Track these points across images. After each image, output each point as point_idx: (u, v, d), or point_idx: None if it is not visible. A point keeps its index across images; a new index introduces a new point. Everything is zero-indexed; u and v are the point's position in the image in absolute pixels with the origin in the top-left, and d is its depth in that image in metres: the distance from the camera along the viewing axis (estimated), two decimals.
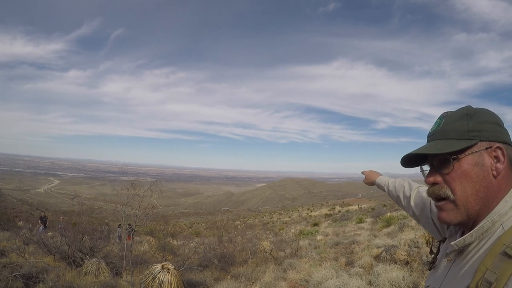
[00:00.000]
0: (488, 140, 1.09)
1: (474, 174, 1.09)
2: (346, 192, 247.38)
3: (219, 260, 11.53)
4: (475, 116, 1.13)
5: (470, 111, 1.15)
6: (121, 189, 9.78)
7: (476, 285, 0.97)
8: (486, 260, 0.99)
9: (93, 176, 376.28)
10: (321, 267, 9.30)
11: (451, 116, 1.17)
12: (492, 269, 0.95)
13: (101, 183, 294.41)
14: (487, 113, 1.14)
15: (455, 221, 1.13)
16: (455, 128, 1.13)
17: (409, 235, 12.60)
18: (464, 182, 1.09)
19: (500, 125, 1.13)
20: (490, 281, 0.93)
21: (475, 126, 1.11)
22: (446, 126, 1.16)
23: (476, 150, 1.09)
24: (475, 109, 1.16)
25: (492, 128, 1.11)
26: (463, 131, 1.12)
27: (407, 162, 1.26)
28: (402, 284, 6.77)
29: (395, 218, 20.88)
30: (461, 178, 1.10)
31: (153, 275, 7.66)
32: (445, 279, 1.15)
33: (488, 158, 1.09)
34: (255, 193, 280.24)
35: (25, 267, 8.32)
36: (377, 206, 49.04)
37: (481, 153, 1.09)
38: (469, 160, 1.09)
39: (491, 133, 1.10)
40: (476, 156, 1.09)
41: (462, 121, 1.13)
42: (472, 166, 1.09)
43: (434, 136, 1.19)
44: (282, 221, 61.70)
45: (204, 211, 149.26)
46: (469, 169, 1.09)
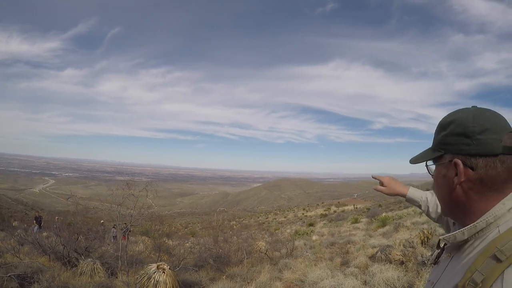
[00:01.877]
0: (452, 153, 1.14)
1: (440, 183, 1.21)
2: (341, 192, 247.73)
3: (214, 260, 11.53)
4: (448, 128, 1.16)
5: (445, 122, 1.19)
6: (116, 189, 9.75)
7: (463, 284, 1.00)
8: (477, 261, 1.01)
9: (89, 176, 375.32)
10: (317, 267, 9.32)
11: (438, 125, 1.24)
12: (480, 270, 0.98)
13: (96, 183, 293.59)
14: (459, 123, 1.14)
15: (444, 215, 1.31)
16: (434, 138, 1.24)
17: (404, 235, 12.66)
18: (436, 186, 1.25)
19: (469, 137, 1.10)
20: (476, 282, 0.97)
21: (442, 139, 1.18)
22: (434, 135, 1.26)
23: (443, 161, 1.18)
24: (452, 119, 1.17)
25: (456, 141, 1.13)
26: (436, 143, 1.22)
27: None
28: (397, 284, 6.79)
29: (390, 218, 20.96)
30: (435, 183, 1.25)
31: (149, 275, 7.66)
32: (443, 274, 1.20)
33: (451, 170, 1.14)
34: (251, 193, 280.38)
35: (20, 267, 8.29)
36: (372, 206, 49.16)
37: (446, 164, 1.16)
38: (438, 169, 1.21)
39: (455, 147, 1.13)
40: (442, 167, 1.19)
41: (438, 133, 1.22)
42: (439, 175, 1.21)
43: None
44: (277, 221, 61.75)
45: (199, 211, 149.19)
46: (437, 178, 1.22)
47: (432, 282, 1.27)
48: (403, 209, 34.59)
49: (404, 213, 26.27)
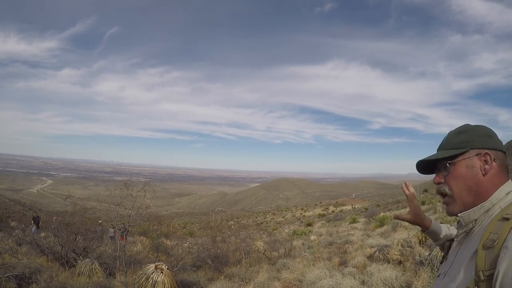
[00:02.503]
0: (477, 148, 1.41)
1: (466, 175, 1.41)
2: (339, 192, 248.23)
3: (212, 260, 11.52)
4: (468, 132, 1.47)
5: (464, 129, 1.50)
6: (114, 189, 9.73)
7: (483, 245, 1.22)
8: (490, 227, 1.26)
9: (87, 176, 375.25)
10: (315, 267, 9.33)
11: (451, 132, 1.54)
12: (494, 231, 1.22)
13: (94, 183, 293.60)
14: (480, 128, 1.48)
15: (456, 212, 1.44)
16: (452, 141, 1.49)
17: (402, 235, 12.67)
18: (458, 181, 1.42)
19: (491, 136, 1.45)
20: (493, 239, 1.20)
21: (466, 138, 1.45)
22: (446, 140, 1.53)
23: (468, 156, 1.42)
24: (470, 127, 1.50)
25: (481, 139, 1.43)
26: (456, 143, 1.47)
27: (421, 169, 1.62)
28: (395, 283, 6.81)
29: (388, 218, 20.95)
30: (456, 178, 1.43)
31: (147, 275, 7.65)
32: (455, 260, 1.41)
33: (478, 162, 1.40)
34: (249, 193, 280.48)
35: (18, 268, 8.28)
36: (371, 206, 49.24)
37: (472, 158, 1.41)
38: (462, 163, 1.43)
39: (480, 143, 1.42)
40: (467, 160, 1.42)
41: (457, 136, 1.49)
42: (464, 168, 1.42)
43: (440, 147, 1.55)
44: (275, 221, 61.82)
45: (197, 211, 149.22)
46: (461, 171, 1.42)
47: (444, 272, 1.45)
48: (401, 209, 34.66)
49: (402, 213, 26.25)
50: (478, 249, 1.23)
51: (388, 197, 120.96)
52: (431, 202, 28.44)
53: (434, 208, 21.48)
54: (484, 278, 1.18)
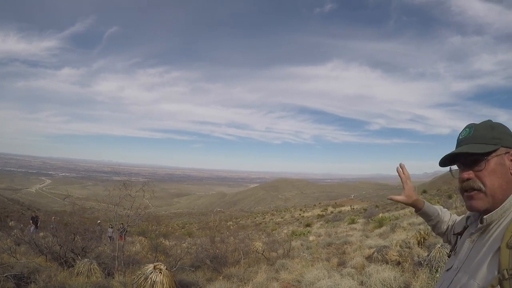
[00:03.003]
0: (506, 146, 1.43)
1: (499, 172, 1.40)
2: (338, 193, 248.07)
3: (211, 260, 11.53)
4: (497, 128, 1.47)
5: (493, 124, 1.49)
6: (113, 189, 9.73)
7: (506, 244, 1.24)
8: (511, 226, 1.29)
9: (85, 176, 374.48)
10: (313, 268, 9.33)
11: (479, 126, 1.50)
12: None
13: (93, 183, 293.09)
14: (504, 126, 1.50)
15: (483, 208, 1.42)
16: (483, 135, 1.46)
17: (401, 235, 12.69)
18: (493, 177, 1.40)
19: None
20: None
21: (497, 135, 1.44)
22: (476, 133, 1.48)
23: (499, 153, 1.42)
24: (496, 123, 1.51)
25: (508, 138, 1.45)
26: (489, 138, 1.44)
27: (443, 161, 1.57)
28: (394, 284, 6.81)
29: (387, 219, 20.97)
30: (490, 174, 1.41)
31: (145, 275, 7.66)
32: (469, 256, 1.42)
33: (507, 160, 1.42)
34: (248, 194, 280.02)
35: (17, 267, 8.27)
36: (369, 207, 49.24)
37: (502, 156, 1.42)
38: (495, 160, 1.41)
39: (508, 141, 1.44)
40: (499, 158, 1.42)
41: (488, 131, 1.46)
42: (497, 165, 1.41)
43: (466, 140, 1.50)
44: (274, 221, 61.74)
45: (196, 212, 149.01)
46: (495, 168, 1.41)
47: (455, 269, 1.47)
48: (399, 210, 34.63)
49: (400, 214, 26.30)
50: (502, 248, 1.25)
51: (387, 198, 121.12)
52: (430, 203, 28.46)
53: None
54: (509, 276, 1.19)
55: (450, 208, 18.34)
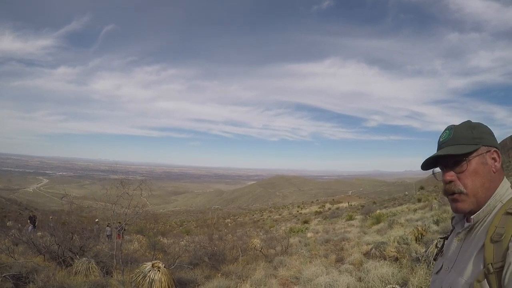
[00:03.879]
0: (487, 145, 1.46)
1: (481, 171, 1.44)
2: (336, 189, 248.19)
3: (209, 258, 11.53)
4: (477, 128, 1.50)
5: (473, 124, 1.52)
6: (110, 188, 9.72)
7: (490, 239, 1.28)
8: (495, 221, 1.33)
9: (83, 174, 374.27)
10: (312, 264, 9.36)
11: (459, 128, 1.53)
12: (500, 225, 1.29)
13: (90, 182, 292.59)
14: (484, 125, 1.52)
15: (468, 209, 1.45)
16: (463, 136, 1.49)
17: (399, 232, 12.71)
18: (474, 177, 1.43)
19: (493, 135, 1.51)
20: (500, 233, 1.26)
21: (477, 135, 1.48)
22: (456, 135, 1.50)
23: (480, 153, 1.45)
24: (475, 123, 1.53)
25: (489, 137, 1.49)
26: (470, 139, 1.47)
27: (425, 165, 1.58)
28: (392, 280, 6.83)
29: (385, 215, 21.06)
30: (472, 175, 1.44)
31: (144, 273, 7.66)
32: (459, 255, 1.45)
33: (488, 159, 1.45)
34: (245, 191, 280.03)
35: (15, 267, 8.26)
36: (367, 204, 49.41)
37: (483, 155, 1.45)
38: (476, 160, 1.45)
39: (489, 140, 1.48)
40: (481, 157, 1.45)
41: (468, 131, 1.49)
42: (479, 164, 1.44)
43: (447, 142, 1.52)
44: (272, 218, 61.86)
45: (194, 209, 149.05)
46: (477, 167, 1.44)
47: (447, 268, 1.50)
48: (397, 206, 34.75)
49: (398, 210, 26.39)
50: (486, 243, 1.30)
51: (384, 194, 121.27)
52: (427, 200, 28.59)
53: (430, 205, 21.55)
54: (494, 270, 1.24)
55: (447, 204, 18.39)
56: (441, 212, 15.56)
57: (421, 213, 18.90)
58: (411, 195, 51.38)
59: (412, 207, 26.28)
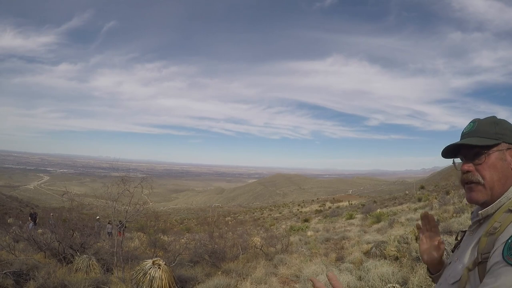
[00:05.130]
0: (508, 142, 1.46)
1: (499, 166, 1.44)
2: (336, 188, 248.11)
3: (210, 255, 11.54)
4: (500, 124, 1.50)
5: (496, 120, 1.53)
6: (111, 185, 9.72)
7: (486, 232, 1.33)
8: (496, 216, 1.36)
9: (83, 172, 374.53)
10: (312, 263, 9.37)
11: (483, 122, 1.54)
12: (498, 220, 1.33)
13: (91, 179, 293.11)
14: (508, 123, 1.52)
15: (482, 200, 1.46)
16: (486, 130, 1.49)
17: (399, 231, 12.72)
18: (492, 171, 1.44)
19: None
20: (496, 227, 1.31)
21: (500, 131, 1.48)
22: (479, 128, 1.52)
23: (501, 148, 1.46)
24: (500, 119, 1.54)
25: (511, 134, 1.48)
26: (492, 133, 1.48)
27: (445, 152, 1.60)
28: (392, 279, 6.84)
29: (385, 214, 21.05)
30: (490, 168, 1.45)
31: (144, 271, 7.67)
32: (466, 247, 1.47)
33: (508, 156, 1.45)
34: (246, 189, 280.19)
35: (16, 264, 8.29)
36: (367, 203, 49.38)
37: (503, 151, 1.46)
38: (496, 155, 1.45)
39: (511, 138, 1.47)
40: (500, 153, 1.45)
41: (491, 126, 1.50)
42: (498, 160, 1.45)
43: (469, 134, 1.54)
44: (272, 217, 61.82)
45: (194, 207, 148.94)
46: (496, 162, 1.45)
47: (456, 259, 1.52)
48: (397, 205, 34.74)
49: (398, 210, 26.39)
50: (481, 236, 1.35)
51: (385, 193, 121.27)
52: (428, 199, 28.55)
53: (431, 205, 21.54)
54: (481, 260, 1.29)
55: (448, 204, 18.39)
56: (442, 211, 15.56)
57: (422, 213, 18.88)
58: (412, 194, 51.27)
59: (412, 207, 26.29)
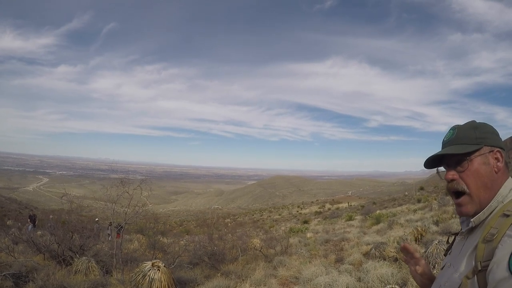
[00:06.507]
0: (490, 145, 1.47)
1: (483, 171, 1.43)
2: (336, 190, 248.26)
3: (209, 257, 11.53)
4: (480, 128, 1.51)
5: (476, 124, 1.53)
6: (110, 187, 9.72)
7: (483, 239, 1.30)
8: (491, 222, 1.34)
9: (83, 174, 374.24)
10: (311, 264, 9.36)
11: (462, 127, 1.54)
12: (494, 226, 1.30)
13: (90, 181, 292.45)
14: (488, 126, 1.53)
15: (472, 212, 1.45)
16: (466, 136, 1.49)
17: (398, 232, 12.73)
18: (476, 177, 1.44)
19: (497, 135, 1.52)
20: (493, 233, 1.28)
21: (480, 135, 1.48)
22: (459, 134, 1.51)
23: (483, 152, 1.45)
24: (479, 123, 1.54)
25: (492, 137, 1.49)
26: (473, 138, 1.48)
27: (428, 163, 1.59)
28: (391, 280, 6.84)
29: (385, 216, 21.06)
30: (473, 174, 1.44)
31: (143, 273, 7.66)
32: (460, 253, 1.46)
33: (491, 159, 1.45)
34: (245, 191, 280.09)
35: (15, 266, 8.27)
36: (367, 204, 49.35)
37: (486, 155, 1.45)
38: (478, 160, 1.45)
39: (492, 140, 1.48)
40: (483, 157, 1.45)
41: (471, 131, 1.50)
42: (481, 164, 1.44)
43: (450, 142, 1.53)
44: (272, 218, 61.80)
45: (194, 209, 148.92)
46: (479, 167, 1.44)
47: (449, 264, 1.51)
48: (397, 206, 34.75)
49: (398, 211, 26.40)
50: (479, 242, 1.32)
51: (384, 194, 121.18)
52: (427, 200, 28.58)
53: (430, 206, 21.56)
54: (481, 268, 1.26)
55: (447, 205, 18.41)
56: (441, 212, 15.58)
57: (421, 214, 18.91)
58: (411, 195, 51.31)
59: (412, 208, 26.29)
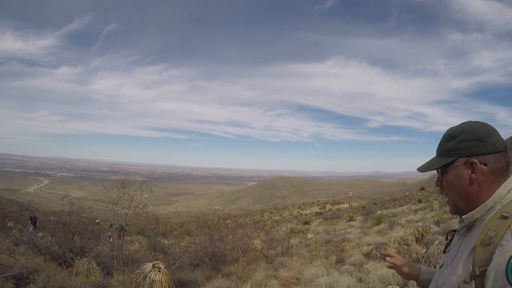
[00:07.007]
0: (465, 156, 1.43)
1: (455, 183, 1.46)
2: (336, 190, 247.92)
3: (210, 259, 11.53)
4: (457, 137, 1.47)
5: (454, 133, 1.50)
6: (111, 188, 9.73)
7: (481, 242, 1.27)
8: (489, 224, 1.31)
9: (83, 175, 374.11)
10: (312, 265, 9.36)
11: (443, 137, 1.55)
12: (492, 228, 1.27)
13: (91, 182, 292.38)
14: (468, 132, 1.46)
15: (453, 213, 1.54)
16: (442, 148, 1.52)
17: (399, 232, 12.72)
18: (450, 189, 1.49)
19: (480, 140, 1.42)
20: (491, 236, 1.25)
21: (455, 146, 1.47)
22: (439, 146, 1.55)
23: (456, 165, 1.45)
24: (459, 130, 1.49)
25: (468, 145, 1.44)
26: (447, 151, 1.49)
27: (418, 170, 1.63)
28: (392, 281, 6.84)
29: (385, 216, 21.06)
30: (448, 186, 1.50)
31: (144, 274, 7.66)
32: (458, 253, 1.45)
33: (466, 170, 1.43)
34: (246, 192, 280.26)
35: (16, 268, 8.26)
36: (368, 204, 49.34)
37: (460, 166, 1.44)
38: (451, 173, 1.47)
39: (468, 150, 1.43)
40: (456, 169, 1.45)
41: (447, 142, 1.51)
42: (454, 177, 1.46)
43: (437, 150, 1.57)
44: (273, 219, 61.75)
45: (195, 210, 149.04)
46: (452, 180, 1.47)
47: (447, 263, 1.51)
48: (398, 207, 34.73)
49: (399, 211, 26.39)
50: (476, 245, 1.29)
51: (385, 195, 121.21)
52: (428, 200, 28.57)
53: (431, 206, 21.54)
54: (479, 273, 1.24)
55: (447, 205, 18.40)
56: (442, 213, 15.57)
57: (422, 214, 18.90)
58: (412, 196, 51.31)
59: (412, 208, 26.28)
